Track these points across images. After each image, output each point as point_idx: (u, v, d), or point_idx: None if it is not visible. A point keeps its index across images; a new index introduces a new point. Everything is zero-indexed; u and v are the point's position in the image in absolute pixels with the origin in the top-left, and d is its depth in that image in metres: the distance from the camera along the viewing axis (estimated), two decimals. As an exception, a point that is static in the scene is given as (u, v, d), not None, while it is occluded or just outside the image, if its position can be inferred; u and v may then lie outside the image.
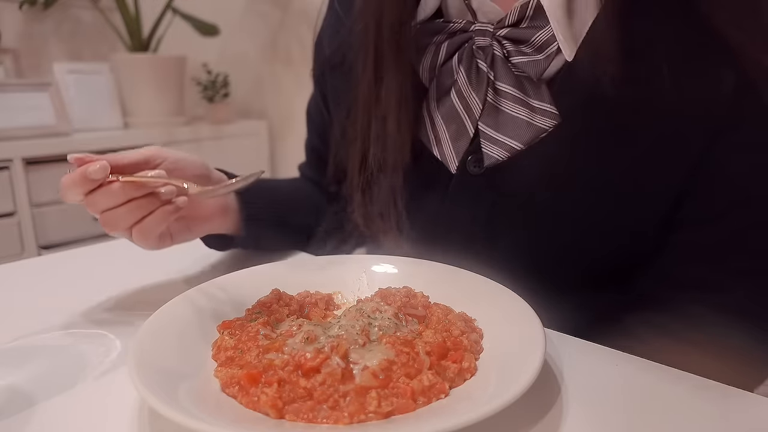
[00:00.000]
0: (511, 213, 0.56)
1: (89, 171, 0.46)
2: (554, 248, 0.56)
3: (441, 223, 0.60)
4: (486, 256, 0.52)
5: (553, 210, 0.54)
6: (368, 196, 0.62)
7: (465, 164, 0.57)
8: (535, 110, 0.52)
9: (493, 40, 0.53)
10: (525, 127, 0.52)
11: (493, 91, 0.54)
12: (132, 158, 0.50)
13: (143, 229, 0.50)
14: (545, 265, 0.54)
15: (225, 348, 0.41)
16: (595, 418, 0.36)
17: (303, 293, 0.50)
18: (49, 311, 0.54)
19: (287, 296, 0.49)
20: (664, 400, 0.39)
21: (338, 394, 0.34)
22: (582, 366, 0.43)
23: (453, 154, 0.57)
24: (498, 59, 0.53)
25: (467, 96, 0.55)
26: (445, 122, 0.57)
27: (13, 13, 1.96)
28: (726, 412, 0.38)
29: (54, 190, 1.70)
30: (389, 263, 0.55)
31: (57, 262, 0.71)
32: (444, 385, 0.36)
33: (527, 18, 0.51)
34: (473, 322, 0.44)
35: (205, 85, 2.17)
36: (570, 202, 0.53)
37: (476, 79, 0.55)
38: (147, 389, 0.33)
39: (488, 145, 0.54)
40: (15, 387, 0.41)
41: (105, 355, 0.45)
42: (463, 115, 0.56)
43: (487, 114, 0.54)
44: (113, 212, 0.49)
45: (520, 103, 0.52)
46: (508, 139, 0.53)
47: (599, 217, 0.53)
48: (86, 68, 1.96)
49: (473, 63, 0.55)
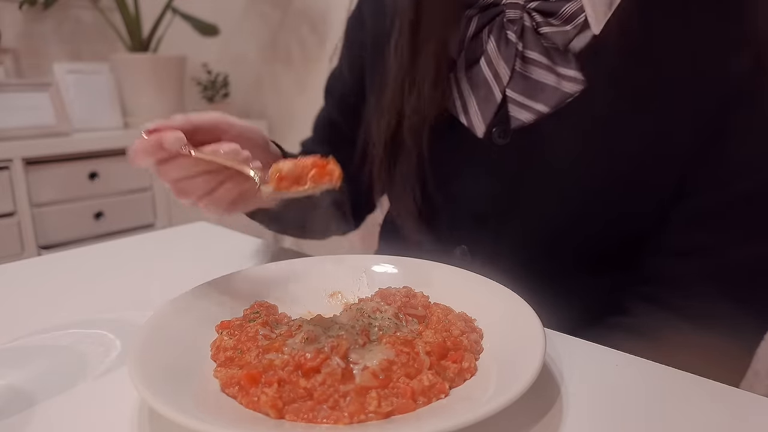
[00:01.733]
0: (531, 184, 0.57)
1: (165, 139, 0.44)
2: (566, 224, 0.57)
3: (462, 191, 0.62)
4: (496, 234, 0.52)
5: (574, 180, 0.55)
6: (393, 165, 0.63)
7: (490, 135, 0.58)
8: (561, 76, 0.54)
9: (523, 12, 0.55)
10: (551, 91, 0.54)
11: (521, 60, 0.56)
12: (202, 121, 0.49)
13: (215, 199, 0.50)
14: (553, 243, 0.56)
15: (224, 348, 0.41)
16: (595, 418, 0.36)
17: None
18: (49, 311, 0.54)
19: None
20: (664, 399, 0.39)
21: (338, 394, 0.34)
22: (582, 366, 0.43)
23: (480, 120, 0.58)
24: (527, 30, 0.55)
25: (496, 64, 0.57)
26: (473, 89, 0.59)
27: (13, 13, 1.96)
28: (726, 412, 0.38)
29: (54, 190, 1.70)
30: (389, 263, 0.55)
31: (57, 262, 0.71)
32: (444, 385, 0.36)
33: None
34: (473, 322, 0.44)
35: (205, 85, 2.17)
36: (592, 171, 0.55)
37: (505, 48, 0.57)
38: (147, 389, 0.33)
39: (515, 110, 0.56)
40: (15, 387, 0.41)
41: (105, 355, 0.45)
42: (491, 81, 0.58)
43: (515, 81, 0.56)
44: (186, 182, 0.48)
45: (547, 69, 0.55)
46: (535, 104, 0.55)
47: (615, 190, 0.55)
48: (86, 68, 1.96)
49: (503, 34, 0.57)
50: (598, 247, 0.58)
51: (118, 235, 1.75)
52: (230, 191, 0.50)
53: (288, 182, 0.44)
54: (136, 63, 2.00)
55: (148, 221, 1.95)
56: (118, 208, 1.86)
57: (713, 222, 0.53)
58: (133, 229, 1.91)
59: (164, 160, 0.46)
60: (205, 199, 0.49)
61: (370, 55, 0.70)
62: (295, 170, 0.44)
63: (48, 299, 0.58)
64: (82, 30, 2.16)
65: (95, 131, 1.91)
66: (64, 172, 1.73)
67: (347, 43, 0.75)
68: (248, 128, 0.55)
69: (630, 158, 0.53)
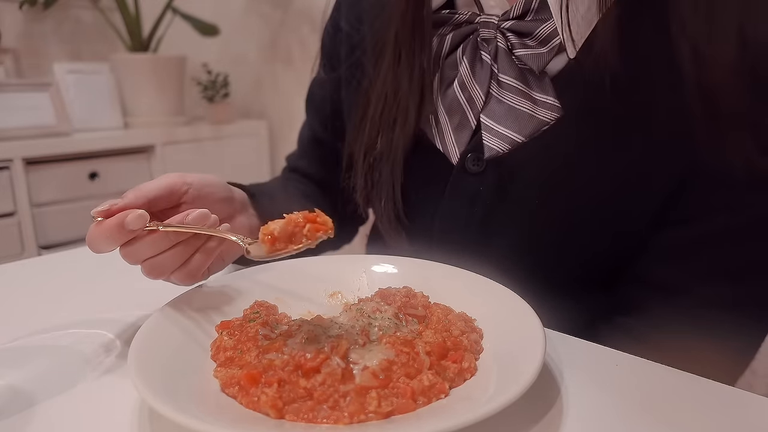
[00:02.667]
0: (508, 212, 0.56)
1: (127, 221, 0.41)
2: (547, 249, 0.56)
3: (438, 220, 0.60)
4: (480, 255, 0.52)
5: (549, 209, 0.54)
6: (370, 182, 0.62)
7: (464, 162, 0.57)
8: (537, 102, 0.52)
9: (497, 32, 0.54)
10: (527, 119, 0.52)
11: (497, 83, 0.54)
12: (157, 191, 0.46)
13: (189, 271, 0.46)
14: (537, 266, 0.54)
15: (224, 348, 0.41)
16: (595, 418, 0.36)
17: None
18: (49, 311, 0.54)
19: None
20: (664, 400, 0.39)
21: (338, 394, 0.34)
22: (582, 366, 0.43)
23: (455, 146, 0.57)
24: (501, 51, 0.53)
25: (470, 88, 0.55)
26: (448, 114, 0.57)
27: (13, 13, 1.96)
28: (726, 412, 0.38)
29: (54, 190, 1.70)
30: (389, 263, 0.55)
31: (57, 262, 0.71)
32: (444, 385, 0.36)
33: (532, 11, 0.51)
34: (473, 322, 0.44)
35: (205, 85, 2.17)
36: (567, 201, 0.53)
37: (480, 71, 0.55)
38: (147, 389, 0.33)
39: (489, 137, 0.54)
40: (15, 387, 0.41)
41: (105, 355, 0.45)
42: (465, 106, 0.56)
43: (490, 107, 0.55)
44: (156, 259, 0.44)
45: (522, 95, 0.53)
46: (510, 132, 0.53)
47: (594, 217, 0.53)
48: (86, 68, 1.96)
49: (477, 55, 0.55)
50: (573, 272, 0.57)
51: (118, 235, 1.75)
52: (205, 260, 0.46)
53: (282, 243, 0.42)
54: (136, 63, 2.00)
55: (148, 221, 1.95)
56: (118, 208, 1.86)
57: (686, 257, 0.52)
58: (133, 229, 1.91)
59: (129, 241, 0.43)
60: (178, 273, 0.46)
61: (346, 68, 0.68)
62: (287, 228, 0.42)
63: (48, 299, 0.58)
64: (82, 30, 2.16)
65: (95, 131, 1.91)
66: (64, 172, 1.73)
67: (324, 53, 0.73)
68: (207, 183, 0.51)
69: (608, 188, 0.52)
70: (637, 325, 0.54)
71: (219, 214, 0.46)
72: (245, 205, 0.60)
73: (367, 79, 0.62)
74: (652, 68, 0.48)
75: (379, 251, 0.76)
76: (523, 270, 0.48)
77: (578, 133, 0.51)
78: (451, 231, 0.60)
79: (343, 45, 0.68)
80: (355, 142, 0.63)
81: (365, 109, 0.62)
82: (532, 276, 0.49)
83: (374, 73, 0.60)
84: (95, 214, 0.43)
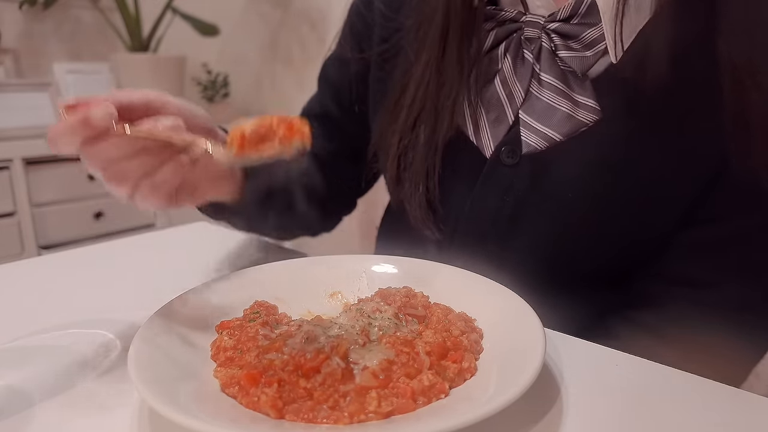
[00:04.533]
0: (538, 206, 0.56)
1: (93, 115, 0.37)
2: (572, 245, 0.56)
3: (467, 210, 0.60)
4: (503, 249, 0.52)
5: (580, 206, 0.54)
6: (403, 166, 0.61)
7: (499, 154, 0.57)
8: (577, 104, 0.52)
9: (542, 32, 0.54)
10: (565, 119, 0.53)
11: (537, 82, 0.54)
12: (132, 99, 0.43)
13: (154, 184, 0.42)
14: (557, 261, 0.55)
15: (224, 348, 0.41)
16: (595, 418, 0.36)
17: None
18: (49, 311, 0.54)
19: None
20: (664, 400, 0.39)
21: (338, 394, 0.34)
22: (582, 366, 0.43)
23: (490, 140, 0.57)
24: (545, 51, 0.54)
25: (511, 84, 0.56)
26: (486, 108, 0.57)
27: (13, 13, 1.96)
28: (726, 412, 0.38)
29: (54, 190, 1.70)
30: (389, 263, 0.55)
31: (57, 262, 0.71)
32: (444, 385, 0.36)
33: (579, 15, 0.51)
34: (473, 322, 0.44)
35: (205, 85, 2.17)
36: (598, 200, 0.53)
37: (521, 68, 0.55)
38: (147, 389, 0.33)
39: (527, 133, 0.54)
40: (15, 387, 0.41)
41: (105, 355, 0.45)
42: (504, 102, 0.56)
43: (529, 103, 0.55)
44: (120, 164, 0.41)
45: (562, 95, 0.53)
46: (548, 130, 0.53)
47: (624, 217, 0.54)
48: (86, 68, 1.97)
49: (519, 53, 0.55)
50: (598, 269, 0.57)
51: (118, 235, 1.75)
52: (173, 173, 0.43)
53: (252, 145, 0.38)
54: (136, 63, 2.00)
55: (148, 221, 1.95)
56: (118, 208, 1.86)
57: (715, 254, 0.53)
58: (133, 229, 1.91)
59: (92, 140, 0.39)
60: (144, 185, 0.42)
61: (378, 53, 0.67)
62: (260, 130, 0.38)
63: (48, 299, 0.58)
64: (82, 30, 2.16)
65: (95, 131, 1.91)
66: (64, 172, 1.73)
67: (353, 32, 0.70)
68: (189, 107, 0.48)
69: (640, 189, 0.52)
70: (652, 319, 0.54)
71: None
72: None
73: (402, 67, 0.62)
74: (693, 74, 0.49)
75: (389, 245, 0.76)
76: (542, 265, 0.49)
77: (615, 134, 0.51)
78: (479, 222, 0.60)
79: (376, 28, 0.67)
80: (389, 127, 0.62)
81: (401, 95, 0.61)
82: (550, 272, 0.50)
83: (415, 59, 0.60)
84: (61, 106, 0.39)
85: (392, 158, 0.62)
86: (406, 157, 0.61)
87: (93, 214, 1.81)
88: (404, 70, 0.61)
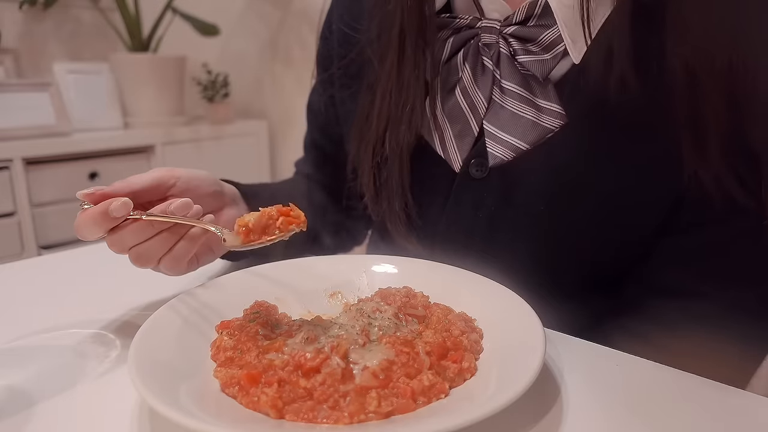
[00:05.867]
0: (512, 218, 0.55)
1: (111, 209, 0.42)
2: (552, 253, 0.55)
3: (443, 226, 0.60)
4: (485, 260, 0.51)
5: (554, 215, 0.53)
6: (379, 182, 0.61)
7: (468, 168, 0.56)
8: (541, 110, 0.51)
9: (499, 37, 0.53)
10: (531, 126, 0.51)
11: (499, 90, 0.53)
12: (144, 183, 0.48)
13: (174, 257, 0.47)
14: (541, 270, 0.53)
15: (224, 348, 0.41)
16: (595, 418, 0.36)
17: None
18: (49, 311, 0.54)
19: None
20: (664, 400, 0.39)
21: (338, 394, 0.34)
22: (582, 366, 0.43)
23: (457, 154, 0.56)
24: (504, 57, 0.53)
25: (472, 94, 0.55)
26: (450, 121, 0.56)
27: (13, 13, 1.96)
28: (726, 412, 0.38)
29: (54, 190, 1.70)
30: (389, 263, 0.55)
31: (57, 262, 0.71)
32: (444, 385, 0.36)
33: (535, 16, 0.50)
34: (473, 322, 0.44)
35: (205, 85, 2.17)
36: (572, 207, 0.53)
37: (482, 77, 0.54)
38: (147, 389, 0.33)
39: (493, 144, 0.53)
40: (15, 387, 0.41)
41: (105, 355, 0.45)
42: (467, 113, 0.55)
43: (492, 113, 0.54)
44: (142, 246, 0.46)
45: (526, 102, 0.52)
46: (514, 139, 0.52)
47: (600, 223, 0.53)
48: (86, 68, 1.96)
49: (479, 60, 0.54)
50: (582, 278, 0.57)
51: (118, 235, 1.75)
52: (190, 245, 0.48)
53: (256, 234, 0.44)
54: (136, 63, 2.00)
55: (148, 221, 1.95)
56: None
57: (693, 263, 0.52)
58: (133, 229, 1.91)
59: (114, 229, 0.44)
60: (165, 260, 0.47)
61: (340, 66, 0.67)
62: (261, 221, 0.44)
63: (48, 299, 0.58)
64: (82, 30, 2.16)
65: (95, 131, 1.91)
66: (64, 172, 1.73)
67: (318, 59, 0.72)
68: (195, 177, 0.52)
69: (613, 194, 0.51)
70: (647, 329, 0.53)
71: (207, 207, 0.48)
72: (236, 200, 0.60)
73: (368, 80, 0.61)
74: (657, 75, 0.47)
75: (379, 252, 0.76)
76: (527, 274, 0.48)
77: (582, 139, 0.50)
78: (456, 236, 0.59)
79: (336, 45, 0.67)
80: (362, 140, 0.62)
81: (371, 105, 0.61)
82: (536, 280, 0.48)
83: (380, 68, 0.59)
84: (80, 195, 0.44)
85: (368, 174, 0.61)
86: (381, 173, 0.60)
87: (93, 214, 1.81)
88: (370, 83, 0.61)
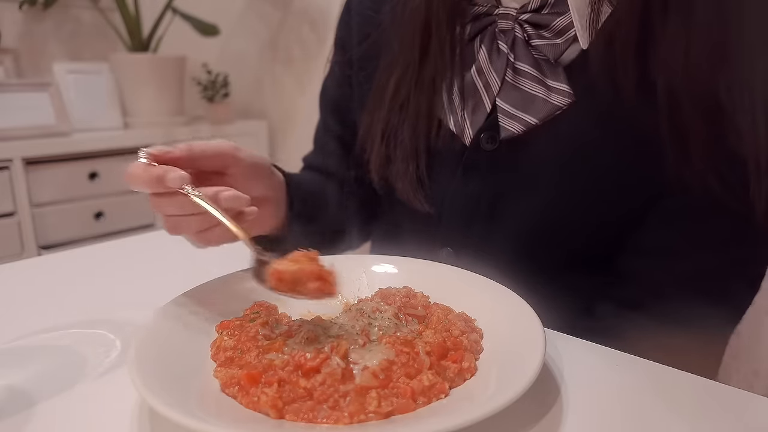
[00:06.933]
0: (518, 189, 0.58)
1: (168, 177, 0.43)
2: (553, 226, 0.58)
3: (450, 196, 0.62)
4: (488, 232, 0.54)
5: (559, 187, 0.56)
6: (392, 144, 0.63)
7: (478, 141, 0.59)
8: (551, 89, 0.55)
9: (515, 23, 0.56)
10: (541, 104, 0.55)
11: (512, 71, 0.57)
12: (204, 152, 0.49)
13: (207, 239, 0.49)
14: (540, 244, 0.57)
15: (224, 348, 0.41)
16: (595, 418, 0.36)
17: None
18: (49, 311, 0.54)
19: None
20: (664, 400, 0.39)
21: (338, 394, 0.34)
22: (582, 366, 0.43)
23: (469, 128, 0.59)
24: (519, 41, 0.56)
25: (486, 73, 0.58)
26: (464, 97, 0.60)
27: (13, 13, 1.96)
28: (726, 412, 0.38)
29: (54, 190, 1.70)
30: (389, 263, 0.55)
31: (57, 262, 0.71)
32: (444, 385, 0.36)
33: (549, 4, 0.54)
34: (473, 322, 0.45)
35: (205, 85, 2.17)
36: (574, 181, 0.55)
37: (497, 58, 0.58)
38: (147, 389, 0.33)
39: (505, 119, 0.57)
40: (15, 387, 0.41)
41: (105, 355, 0.45)
42: (481, 90, 0.58)
43: (505, 91, 0.57)
44: (179, 219, 0.47)
45: (537, 81, 0.55)
46: (525, 115, 0.56)
47: (600, 196, 0.55)
48: (86, 68, 1.96)
49: (494, 44, 0.58)
50: (581, 250, 0.59)
51: (118, 235, 1.75)
52: (221, 236, 0.49)
53: (286, 285, 0.42)
54: (136, 63, 2.00)
55: (148, 221, 1.95)
56: (118, 208, 1.86)
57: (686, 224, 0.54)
58: (133, 229, 1.91)
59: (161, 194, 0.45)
60: (196, 237, 0.49)
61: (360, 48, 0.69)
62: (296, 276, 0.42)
63: (48, 299, 0.58)
64: (82, 30, 2.16)
65: (95, 131, 1.91)
66: (64, 172, 1.73)
67: (336, 42, 0.75)
68: (255, 162, 0.54)
69: (615, 168, 0.54)
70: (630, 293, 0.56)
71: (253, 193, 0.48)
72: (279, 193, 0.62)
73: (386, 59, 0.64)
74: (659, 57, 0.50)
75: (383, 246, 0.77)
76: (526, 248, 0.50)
77: (588, 117, 0.54)
78: (464, 205, 0.61)
79: (355, 29, 0.70)
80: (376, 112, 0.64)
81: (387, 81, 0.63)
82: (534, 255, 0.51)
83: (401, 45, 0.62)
84: (144, 154, 0.45)
85: (381, 138, 0.64)
86: (396, 136, 0.63)
87: (93, 214, 1.81)
88: (388, 62, 0.64)
